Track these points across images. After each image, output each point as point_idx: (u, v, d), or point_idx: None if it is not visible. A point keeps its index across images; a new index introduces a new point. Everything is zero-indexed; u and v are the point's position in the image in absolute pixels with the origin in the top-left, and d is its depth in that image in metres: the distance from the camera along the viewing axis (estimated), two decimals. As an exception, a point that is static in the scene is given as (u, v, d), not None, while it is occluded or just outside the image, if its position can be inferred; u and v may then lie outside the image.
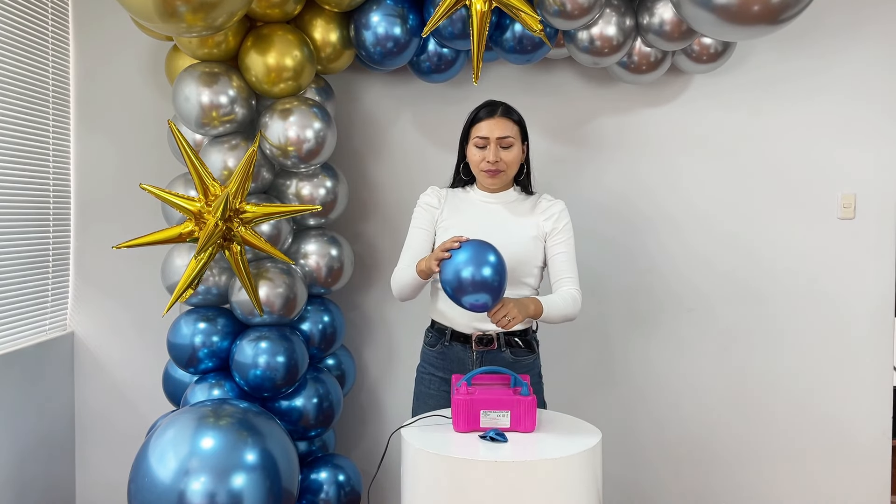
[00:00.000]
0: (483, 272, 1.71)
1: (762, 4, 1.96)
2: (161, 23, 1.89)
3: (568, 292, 2.00)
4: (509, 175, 2.07)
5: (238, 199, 2.16)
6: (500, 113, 2.05)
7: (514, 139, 2.04)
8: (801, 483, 2.73)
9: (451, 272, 1.73)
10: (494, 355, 2.04)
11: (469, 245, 1.75)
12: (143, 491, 2.00)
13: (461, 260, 1.73)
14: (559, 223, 2.06)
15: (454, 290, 1.74)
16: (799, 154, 2.69)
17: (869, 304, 2.68)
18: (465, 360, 2.06)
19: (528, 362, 2.07)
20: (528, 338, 2.09)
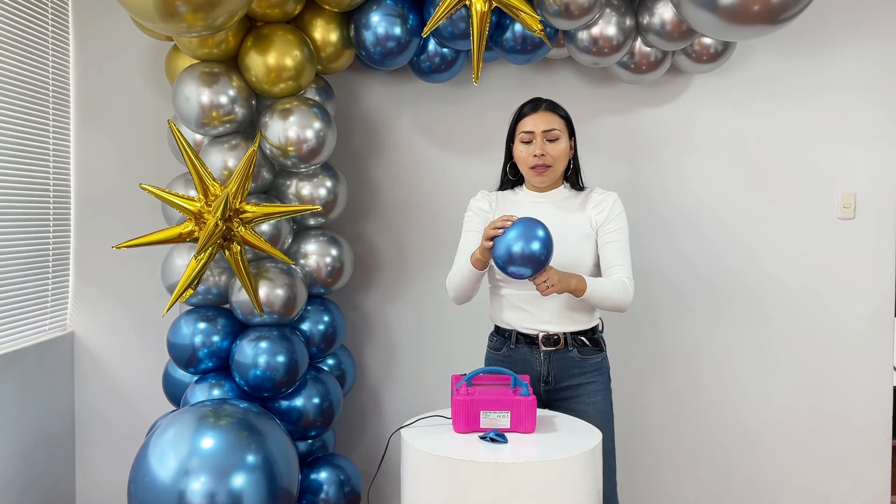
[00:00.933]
0: (532, 247, 1.77)
1: (762, 4, 1.96)
2: (161, 23, 1.89)
3: (618, 279, 1.95)
4: (557, 170, 2.04)
5: (238, 199, 2.16)
6: (545, 107, 2.04)
7: (560, 132, 2.01)
8: (801, 483, 2.73)
9: (502, 248, 1.78)
10: (562, 355, 2.02)
11: (519, 222, 1.81)
12: (143, 491, 2.00)
13: (512, 236, 1.78)
14: (611, 213, 2.02)
15: (504, 263, 1.80)
16: (799, 154, 2.69)
17: (869, 304, 2.68)
18: (532, 362, 2.04)
19: (596, 361, 2.06)
20: (596, 336, 2.08)
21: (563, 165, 2.05)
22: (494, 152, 2.76)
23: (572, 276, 1.90)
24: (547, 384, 2.05)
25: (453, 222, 2.78)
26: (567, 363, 2.03)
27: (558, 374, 2.03)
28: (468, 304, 2.76)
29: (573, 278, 1.90)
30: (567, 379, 2.04)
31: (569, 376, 2.03)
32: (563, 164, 2.05)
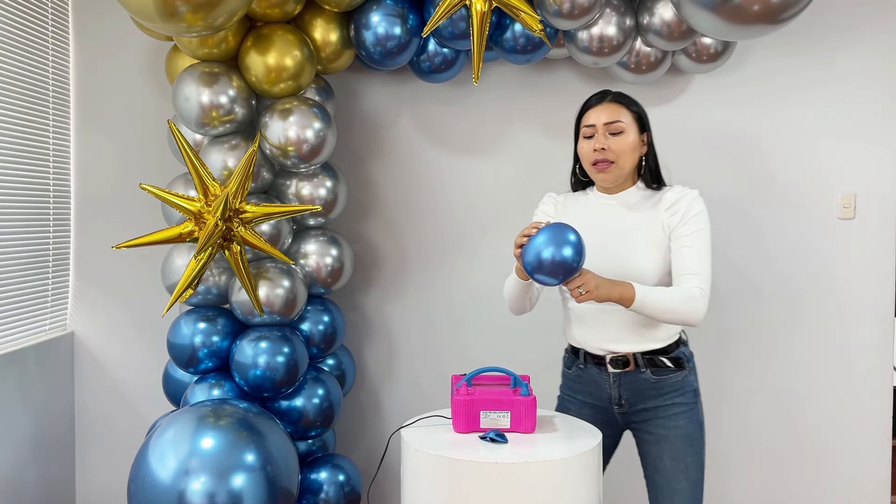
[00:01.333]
0: (561, 252, 1.65)
1: (762, 4, 1.96)
2: (161, 23, 1.89)
3: (686, 288, 1.72)
4: (622, 168, 1.83)
5: (238, 199, 2.16)
6: (611, 98, 1.86)
7: (625, 125, 1.82)
8: (800, 483, 2.73)
9: (530, 254, 1.67)
10: (633, 377, 1.84)
11: (548, 227, 1.70)
12: (143, 491, 2.00)
13: (539, 241, 1.66)
14: (687, 213, 1.79)
15: (532, 270, 1.69)
16: (799, 154, 2.69)
17: (869, 304, 2.68)
18: (603, 385, 1.89)
19: (676, 381, 1.84)
20: (675, 353, 1.86)
21: (631, 162, 1.84)
22: (495, 152, 2.77)
23: (618, 283, 1.71)
24: (620, 407, 1.89)
25: (453, 222, 2.79)
26: (640, 385, 1.85)
27: (631, 397, 1.86)
28: (468, 304, 2.78)
29: (619, 285, 1.71)
30: (642, 401, 1.86)
31: (644, 398, 1.86)
32: (630, 161, 1.84)
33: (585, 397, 1.93)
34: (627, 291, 1.70)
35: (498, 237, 2.72)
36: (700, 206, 1.81)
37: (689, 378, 1.87)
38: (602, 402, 1.90)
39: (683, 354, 1.88)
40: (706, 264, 1.76)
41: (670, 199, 1.82)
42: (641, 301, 1.70)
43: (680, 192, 1.83)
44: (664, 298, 1.71)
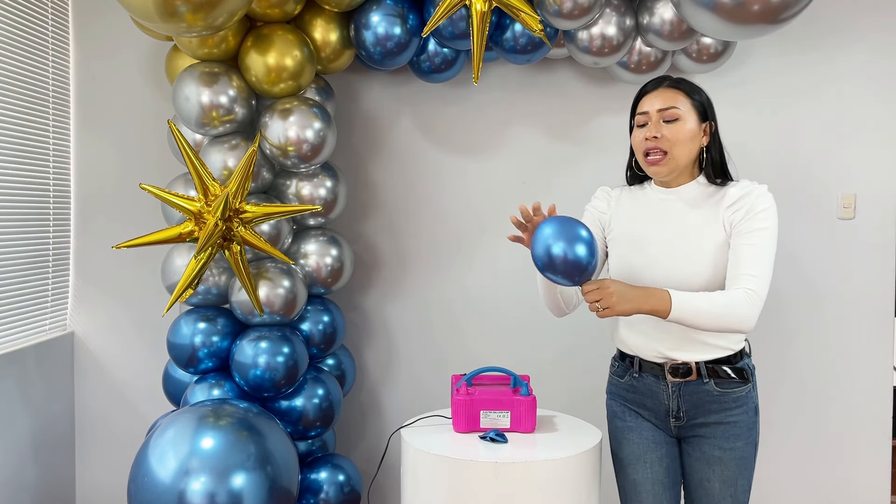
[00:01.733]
0: (576, 251, 1.51)
1: (762, 4, 1.96)
2: (161, 23, 1.89)
3: (735, 292, 1.57)
4: (677, 159, 1.67)
5: (238, 199, 2.16)
6: (668, 84, 1.71)
7: (681, 112, 1.66)
8: (800, 483, 2.73)
9: (539, 247, 1.52)
10: (695, 388, 1.69)
11: (555, 220, 1.55)
12: (143, 491, 2.00)
13: (544, 233, 1.52)
14: (751, 210, 1.62)
15: (544, 266, 1.55)
16: (799, 154, 2.69)
17: (869, 304, 2.68)
18: (660, 395, 1.74)
19: (740, 395, 1.70)
20: (740, 364, 1.71)
21: (687, 153, 1.67)
22: (495, 152, 2.77)
23: (650, 293, 1.56)
24: (678, 419, 1.74)
25: (453, 222, 2.79)
26: (702, 397, 1.70)
27: (690, 409, 1.72)
28: (468, 304, 2.78)
29: (651, 296, 1.56)
30: (702, 415, 1.71)
31: (704, 412, 1.71)
32: (687, 152, 1.67)
33: (640, 409, 1.78)
34: (661, 303, 1.55)
35: (498, 237, 2.72)
36: (767, 202, 1.63)
37: (752, 393, 1.73)
38: (659, 414, 1.76)
39: (747, 366, 1.73)
40: (764, 266, 1.59)
41: (734, 195, 1.64)
42: (679, 312, 1.55)
43: (746, 187, 1.65)
44: (704, 308, 1.56)
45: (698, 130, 1.68)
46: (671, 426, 1.75)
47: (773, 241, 1.62)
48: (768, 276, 1.60)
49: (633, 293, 1.56)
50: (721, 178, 1.71)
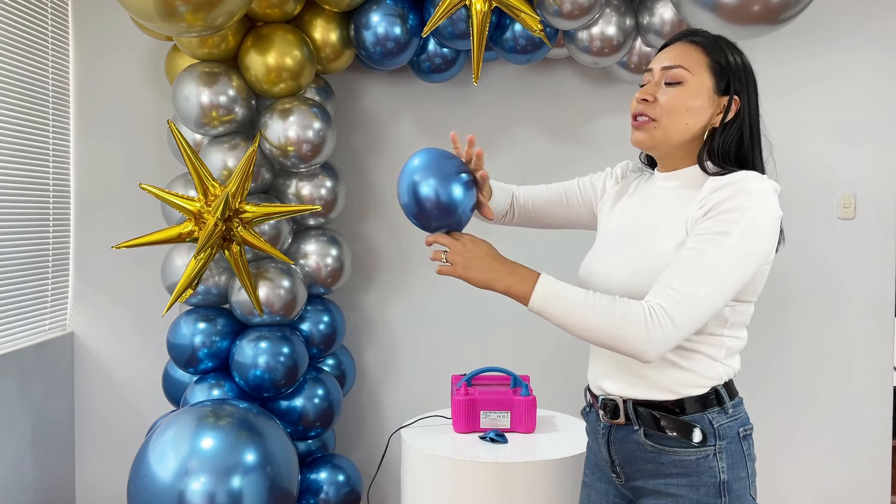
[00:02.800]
0: (451, 190, 1.25)
1: (762, 4, 1.96)
2: (161, 23, 1.89)
3: (638, 305, 1.14)
4: (667, 131, 1.26)
5: (238, 199, 2.16)
6: (690, 39, 1.29)
7: (688, 76, 1.24)
8: (800, 483, 2.73)
9: (404, 180, 1.29)
10: (625, 435, 1.27)
11: (432, 151, 1.33)
12: (143, 491, 2.00)
13: (417, 165, 1.29)
14: (719, 206, 1.16)
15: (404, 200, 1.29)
16: (799, 154, 2.69)
17: (869, 304, 2.68)
18: (597, 435, 1.35)
19: (685, 459, 1.22)
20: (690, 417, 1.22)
21: (684, 128, 1.25)
22: (495, 152, 2.76)
23: (512, 269, 1.22)
24: (617, 475, 1.32)
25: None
26: (632, 450, 1.27)
27: (625, 464, 1.29)
28: (468, 304, 2.77)
29: (512, 273, 1.21)
30: (640, 476, 1.27)
31: (641, 472, 1.27)
32: (684, 126, 1.25)
33: (593, 456, 1.40)
34: (523, 284, 1.19)
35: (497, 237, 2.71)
36: (747, 199, 1.15)
37: (709, 462, 1.21)
38: (603, 465, 1.36)
39: (709, 422, 1.22)
40: (699, 284, 1.12)
41: (711, 186, 1.19)
42: (541, 303, 1.18)
43: (729, 178, 1.18)
44: (577, 309, 1.16)
45: (708, 103, 1.25)
46: (616, 484, 1.34)
47: (734, 256, 1.14)
48: (702, 305, 1.13)
49: (493, 262, 1.23)
50: (721, 168, 1.25)
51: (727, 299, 1.16)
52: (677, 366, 1.22)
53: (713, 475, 1.21)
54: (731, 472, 1.21)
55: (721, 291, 1.14)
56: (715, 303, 1.14)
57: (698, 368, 1.23)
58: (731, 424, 1.25)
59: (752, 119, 1.27)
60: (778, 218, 1.22)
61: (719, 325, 1.23)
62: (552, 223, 1.54)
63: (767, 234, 1.19)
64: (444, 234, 1.27)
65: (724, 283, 1.14)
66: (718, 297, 1.14)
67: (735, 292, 1.17)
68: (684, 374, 1.23)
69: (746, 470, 1.24)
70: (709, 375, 1.24)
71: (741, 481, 1.22)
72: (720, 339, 1.25)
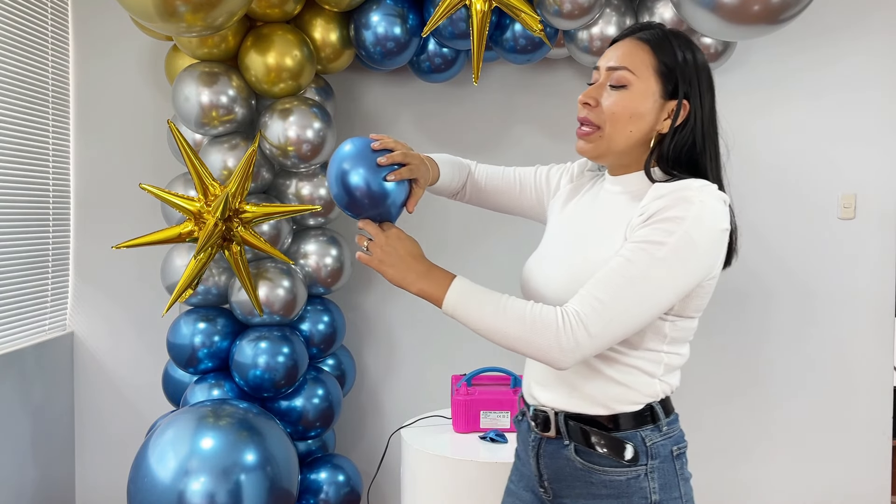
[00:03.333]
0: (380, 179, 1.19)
1: (762, 4, 1.96)
2: (161, 23, 1.89)
3: (553, 310, 1.09)
4: (611, 139, 1.19)
5: (238, 199, 2.16)
6: (638, 36, 1.20)
7: (633, 78, 1.17)
8: (800, 483, 2.73)
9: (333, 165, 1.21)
10: (555, 449, 1.22)
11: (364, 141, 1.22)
12: (142, 491, 2.00)
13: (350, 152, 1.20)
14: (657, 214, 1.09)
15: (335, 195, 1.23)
16: (799, 154, 2.69)
17: (869, 303, 2.68)
18: (527, 446, 1.28)
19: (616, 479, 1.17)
20: (622, 434, 1.17)
21: (627, 136, 1.18)
22: (495, 152, 2.76)
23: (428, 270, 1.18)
24: (545, 490, 1.25)
25: (453, 222, 2.79)
26: (562, 467, 1.21)
27: (554, 480, 1.23)
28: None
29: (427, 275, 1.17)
30: (568, 493, 1.21)
31: (570, 490, 1.21)
32: (627, 135, 1.18)
33: (521, 465, 1.33)
34: (437, 287, 1.15)
35: (497, 237, 2.72)
36: (686, 210, 1.08)
37: (640, 482, 1.16)
38: (531, 477, 1.29)
39: (641, 440, 1.17)
40: (621, 295, 1.06)
41: (652, 194, 1.12)
42: (454, 306, 1.13)
43: (673, 185, 1.12)
44: (488, 312, 1.11)
45: (654, 108, 1.17)
46: (542, 498, 1.26)
47: (664, 268, 1.07)
48: (623, 313, 1.07)
49: (410, 262, 1.18)
50: (668, 175, 1.17)
51: (655, 312, 1.09)
52: (613, 380, 1.17)
53: (644, 496, 1.15)
54: (664, 493, 1.16)
55: (646, 303, 1.07)
56: (637, 315, 1.07)
57: (635, 384, 1.17)
58: (665, 443, 1.19)
59: (705, 123, 1.19)
60: (722, 231, 1.13)
61: (658, 340, 1.17)
62: (502, 206, 1.48)
63: (705, 248, 1.10)
64: (374, 223, 1.22)
65: (650, 295, 1.07)
66: (641, 309, 1.07)
67: (667, 306, 1.10)
68: (620, 390, 1.17)
69: (679, 490, 1.19)
70: (645, 392, 1.18)
71: (674, 502, 1.18)
72: (658, 355, 1.18)
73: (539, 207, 1.44)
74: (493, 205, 1.49)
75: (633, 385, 1.17)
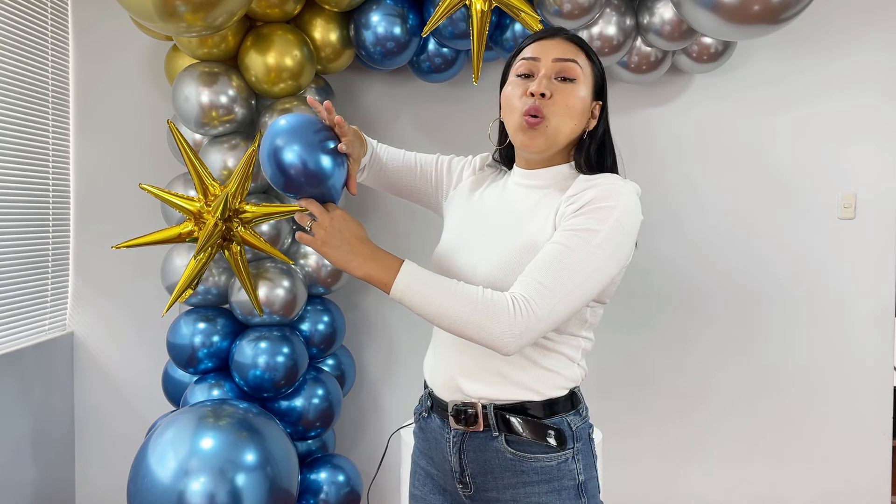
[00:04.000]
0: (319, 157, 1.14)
1: (762, 4, 1.96)
2: (161, 23, 1.89)
3: (502, 295, 1.10)
4: (557, 131, 1.21)
5: (238, 199, 2.16)
6: (567, 36, 1.26)
7: (580, 73, 1.22)
8: (800, 483, 2.73)
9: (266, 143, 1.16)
10: (482, 443, 1.22)
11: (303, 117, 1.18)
12: (142, 491, 1.99)
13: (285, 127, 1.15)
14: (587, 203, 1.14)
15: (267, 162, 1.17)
16: (799, 154, 2.69)
17: (869, 304, 2.68)
18: (444, 447, 1.27)
19: (547, 465, 1.20)
20: (550, 421, 1.21)
21: (570, 130, 1.22)
22: (494, 152, 2.76)
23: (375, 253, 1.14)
24: (465, 486, 1.25)
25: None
26: (490, 459, 1.21)
27: (478, 474, 1.23)
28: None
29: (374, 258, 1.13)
30: (494, 486, 1.22)
31: (496, 482, 1.22)
32: (571, 129, 1.22)
33: (428, 464, 1.32)
34: (385, 271, 1.12)
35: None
36: (615, 199, 1.14)
37: (569, 465, 1.20)
38: (445, 475, 1.28)
39: (567, 425, 1.21)
40: (562, 279, 1.09)
41: (579, 186, 1.18)
42: (403, 290, 1.11)
43: (599, 178, 1.18)
44: (439, 295, 1.10)
45: (588, 106, 1.24)
46: (461, 496, 1.26)
47: (600, 255, 1.11)
48: (564, 300, 1.10)
49: (356, 244, 1.14)
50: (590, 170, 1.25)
51: (588, 298, 1.13)
52: (539, 365, 1.20)
53: (572, 478, 1.20)
54: (587, 473, 1.23)
55: (583, 288, 1.11)
56: (576, 299, 1.11)
57: (559, 368, 1.22)
58: (584, 426, 1.25)
59: (607, 126, 1.29)
60: (640, 222, 1.18)
61: (579, 325, 1.23)
62: (398, 188, 1.48)
63: (631, 237, 1.16)
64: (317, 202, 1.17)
65: (587, 280, 1.11)
66: (580, 293, 1.11)
67: (597, 292, 1.15)
68: (547, 375, 1.20)
69: (595, 469, 1.25)
70: (568, 376, 1.23)
71: (593, 480, 1.24)
72: (578, 340, 1.24)
73: (435, 196, 1.46)
74: (388, 185, 1.48)
75: (558, 369, 1.22)
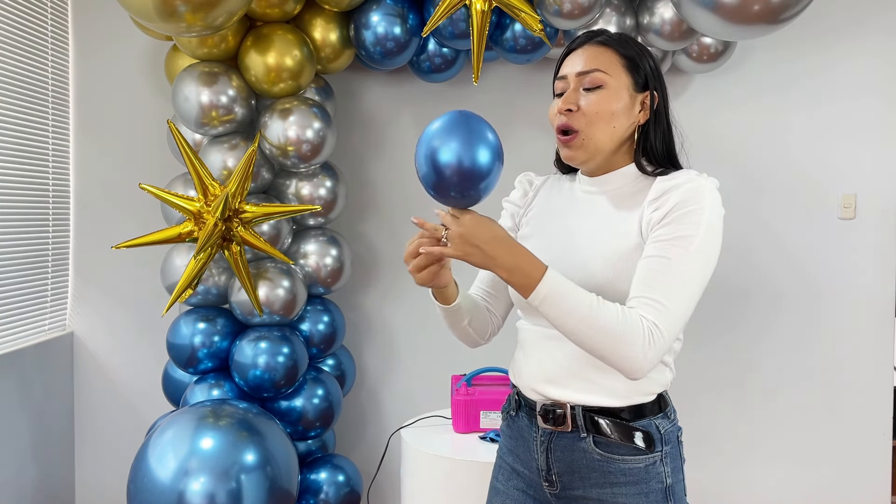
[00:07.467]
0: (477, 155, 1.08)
1: (762, 4, 1.96)
2: (161, 23, 1.89)
3: (637, 316, 1.09)
4: (594, 140, 1.21)
5: (237, 199, 2.16)
6: (597, 41, 1.24)
7: (606, 78, 1.20)
8: (800, 483, 2.73)
9: (422, 148, 1.11)
10: (570, 443, 1.21)
11: (457, 115, 1.12)
12: (142, 491, 2.00)
13: (438, 129, 1.10)
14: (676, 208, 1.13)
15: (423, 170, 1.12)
16: (799, 154, 2.69)
17: (869, 304, 2.68)
18: (531, 446, 1.27)
19: (635, 467, 1.19)
20: (641, 423, 1.20)
21: (611, 134, 1.21)
22: (494, 152, 2.76)
23: (517, 252, 1.12)
24: (551, 484, 1.25)
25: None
26: (577, 459, 1.21)
27: (564, 473, 1.23)
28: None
29: (518, 256, 1.11)
30: (581, 485, 1.22)
31: (583, 481, 1.22)
32: (611, 132, 1.21)
33: (514, 460, 1.32)
34: (529, 272, 1.10)
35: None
36: (703, 199, 1.13)
37: (657, 468, 1.20)
38: (531, 473, 1.28)
39: (656, 428, 1.21)
40: (677, 293, 1.11)
41: (660, 188, 1.17)
42: (547, 294, 1.10)
43: (677, 177, 1.17)
44: (584, 314, 1.09)
45: (630, 103, 1.22)
46: (547, 494, 1.26)
47: (700, 259, 1.12)
48: (682, 313, 1.12)
49: (495, 246, 1.10)
50: (657, 166, 1.23)
51: (696, 303, 1.14)
52: None
53: (660, 481, 1.20)
54: (675, 476, 1.22)
55: (693, 296, 1.13)
56: (690, 308, 1.13)
57: (653, 374, 1.21)
58: (672, 429, 1.24)
59: (667, 114, 1.26)
60: (723, 216, 1.18)
61: None
62: (505, 307, 1.46)
63: (720, 233, 1.16)
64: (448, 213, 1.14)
65: (694, 288, 1.13)
66: (691, 301, 1.13)
67: (701, 295, 1.15)
68: (639, 380, 1.17)
69: (682, 472, 1.25)
70: (659, 381, 1.22)
71: (680, 484, 1.24)
72: (675, 344, 1.25)
73: None
74: (501, 312, 1.46)
75: (652, 375, 1.21)
